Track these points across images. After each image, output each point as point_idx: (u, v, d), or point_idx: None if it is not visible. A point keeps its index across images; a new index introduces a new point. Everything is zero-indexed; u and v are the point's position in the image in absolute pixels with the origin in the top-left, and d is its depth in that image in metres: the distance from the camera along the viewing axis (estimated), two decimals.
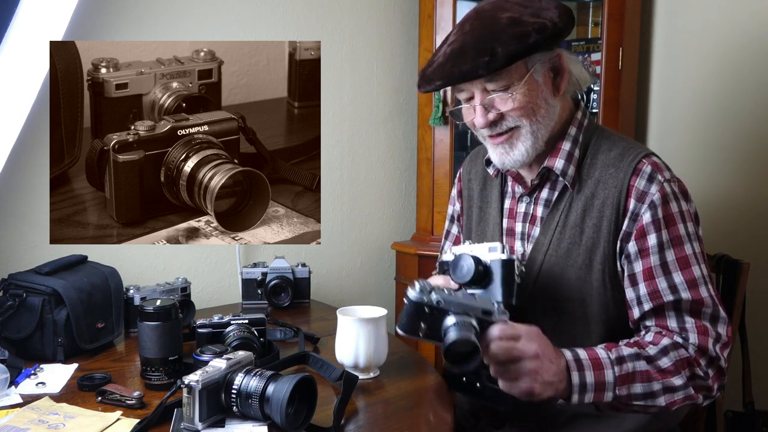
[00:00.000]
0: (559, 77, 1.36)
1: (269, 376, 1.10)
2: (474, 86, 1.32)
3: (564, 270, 1.35)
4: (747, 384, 1.61)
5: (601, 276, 1.33)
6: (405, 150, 2.40)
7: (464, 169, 1.63)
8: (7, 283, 1.45)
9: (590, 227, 1.34)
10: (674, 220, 1.30)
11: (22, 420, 1.13)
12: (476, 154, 1.62)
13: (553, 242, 1.37)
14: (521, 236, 1.43)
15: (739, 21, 1.99)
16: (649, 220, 1.29)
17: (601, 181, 1.35)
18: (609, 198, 1.33)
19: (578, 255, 1.34)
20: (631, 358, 1.24)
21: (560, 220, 1.37)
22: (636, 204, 1.31)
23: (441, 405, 1.26)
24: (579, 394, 1.21)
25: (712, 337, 1.27)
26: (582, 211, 1.35)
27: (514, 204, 1.47)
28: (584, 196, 1.36)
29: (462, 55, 1.28)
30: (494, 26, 1.29)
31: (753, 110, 1.98)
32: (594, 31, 2.33)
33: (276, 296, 1.86)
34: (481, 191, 1.55)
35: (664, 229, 1.30)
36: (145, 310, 1.28)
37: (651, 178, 1.31)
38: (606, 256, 1.33)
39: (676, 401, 1.24)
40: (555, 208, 1.39)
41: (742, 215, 2.01)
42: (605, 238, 1.33)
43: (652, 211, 1.29)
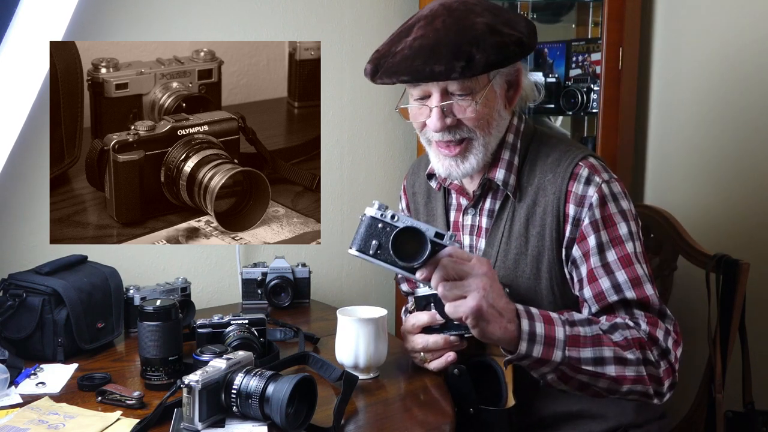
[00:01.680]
0: (512, 91, 1.35)
1: (269, 376, 1.10)
2: (435, 86, 1.27)
3: (513, 281, 1.35)
4: (747, 384, 1.61)
5: (549, 284, 1.33)
6: (405, 150, 2.40)
7: (408, 182, 1.59)
8: (7, 283, 1.45)
9: (534, 236, 1.33)
10: (613, 220, 1.29)
11: (22, 420, 1.13)
12: (418, 166, 1.59)
13: (500, 254, 1.36)
14: (469, 249, 1.42)
15: (740, 21, 1.99)
16: (587, 222, 1.29)
17: (541, 188, 1.33)
18: (549, 205, 1.32)
19: (526, 265, 1.34)
20: (583, 323, 1.22)
21: (505, 230, 1.36)
22: (576, 209, 1.30)
23: (441, 405, 1.26)
24: (528, 343, 1.17)
25: (662, 329, 1.25)
26: (525, 220, 1.34)
27: (459, 216, 1.45)
28: (526, 204, 1.35)
29: (434, 53, 1.23)
30: (471, 30, 1.24)
31: (753, 110, 1.98)
32: (594, 31, 2.33)
33: (276, 296, 1.86)
34: (426, 204, 1.53)
35: (603, 230, 1.29)
36: (145, 310, 1.28)
37: (588, 180, 1.30)
38: (551, 263, 1.32)
39: (627, 377, 1.21)
40: (499, 218, 1.38)
41: (742, 215, 2.01)
42: (549, 246, 1.32)
43: (590, 213, 1.29)
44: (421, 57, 1.23)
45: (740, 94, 2.01)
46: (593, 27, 2.34)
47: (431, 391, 1.32)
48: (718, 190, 2.07)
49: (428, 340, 1.32)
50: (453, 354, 1.31)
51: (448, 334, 1.30)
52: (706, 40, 2.08)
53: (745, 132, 2.01)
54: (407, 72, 1.24)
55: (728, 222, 2.04)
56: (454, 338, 1.31)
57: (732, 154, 2.04)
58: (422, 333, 1.33)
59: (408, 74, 1.25)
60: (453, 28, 1.25)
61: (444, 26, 1.26)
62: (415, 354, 1.37)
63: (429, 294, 1.32)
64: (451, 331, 1.30)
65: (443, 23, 1.26)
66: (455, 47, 1.22)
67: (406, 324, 1.35)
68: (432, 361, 1.34)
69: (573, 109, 2.17)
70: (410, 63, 1.24)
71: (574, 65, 2.24)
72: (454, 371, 1.31)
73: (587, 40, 2.25)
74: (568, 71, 2.24)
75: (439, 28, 1.26)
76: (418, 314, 1.33)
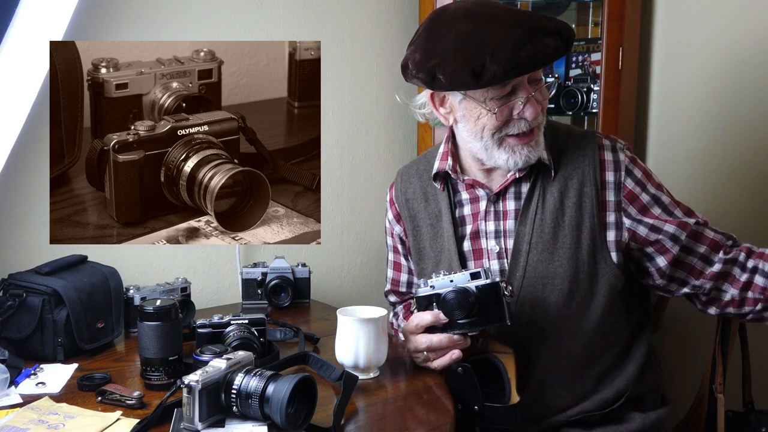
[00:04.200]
0: None
1: (269, 376, 1.10)
2: (522, 78, 1.31)
3: (553, 252, 1.39)
4: (747, 384, 1.61)
5: (590, 250, 1.38)
6: (405, 150, 2.40)
7: (397, 191, 1.60)
8: (7, 283, 1.45)
9: (570, 207, 1.39)
10: (647, 173, 1.42)
11: (22, 420, 1.13)
12: (407, 174, 1.60)
13: (536, 230, 1.40)
14: (495, 234, 1.44)
15: (740, 20, 1.99)
16: (632, 183, 1.39)
17: (572, 162, 1.41)
18: (586, 175, 1.39)
19: (565, 235, 1.39)
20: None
21: (538, 207, 1.40)
22: (614, 174, 1.39)
23: (441, 405, 1.26)
24: None
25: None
26: (559, 194, 1.40)
27: (476, 207, 1.47)
28: (558, 179, 1.40)
29: (530, 37, 1.25)
30: (533, 15, 1.31)
31: (753, 109, 1.98)
32: (594, 31, 2.32)
33: (276, 296, 1.86)
34: (425, 208, 1.53)
35: (647, 183, 1.40)
36: (145, 310, 1.28)
37: (613, 148, 1.41)
38: (592, 230, 1.38)
39: None
40: (529, 198, 1.42)
41: (742, 215, 2.01)
42: (588, 213, 1.38)
43: (629, 175, 1.39)
44: (517, 45, 1.25)
45: (740, 94, 2.01)
46: (593, 27, 2.34)
47: (432, 390, 1.32)
48: (718, 190, 2.07)
49: (432, 339, 1.32)
50: (458, 351, 1.32)
51: (452, 333, 1.31)
52: (706, 40, 2.08)
53: (745, 132, 2.01)
54: (521, 63, 1.25)
55: (728, 222, 2.04)
56: (458, 337, 1.31)
57: (732, 153, 2.04)
58: (425, 333, 1.33)
59: (525, 64, 1.25)
60: (510, 13, 1.29)
61: (503, 13, 1.29)
62: (417, 354, 1.37)
63: (431, 294, 1.32)
64: (454, 329, 1.31)
65: (497, 10, 1.29)
66: (539, 28, 1.27)
67: (409, 325, 1.36)
68: (435, 360, 1.34)
69: (573, 109, 2.17)
70: (514, 54, 1.24)
71: (574, 65, 2.24)
72: (458, 369, 1.31)
73: (587, 40, 2.25)
74: (568, 71, 2.24)
75: (497, 15, 1.28)
76: (421, 314, 1.33)
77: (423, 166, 1.58)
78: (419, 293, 1.35)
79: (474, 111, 1.35)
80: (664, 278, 1.40)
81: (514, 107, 1.33)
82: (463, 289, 1.28)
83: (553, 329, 1.39)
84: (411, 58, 1.35)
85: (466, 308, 1.28)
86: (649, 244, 1.38)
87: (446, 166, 1.48)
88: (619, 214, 1.39)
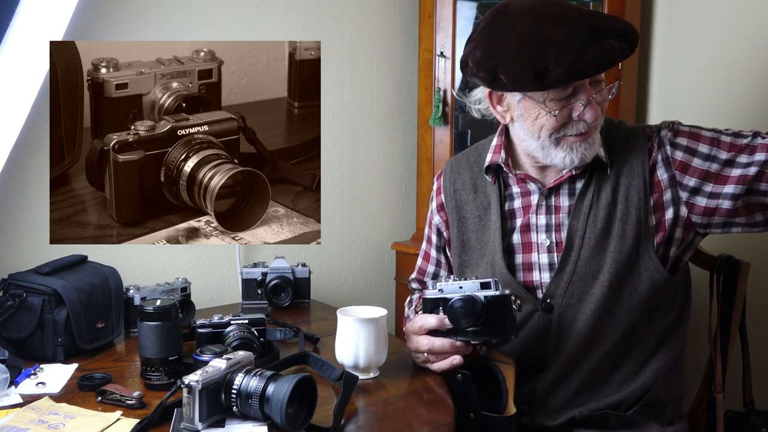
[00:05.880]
0: None
1: (269, 376, 1.10)
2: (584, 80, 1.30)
3: (603, 247, 1.38)
4: (747, 384, 1.61)
5: (634, 242, 1.36)
6: (405, 150, 2.40)
7: (446, 181, 1.59)
8: (7, 283, 1.45)
9: (621, 202, 1.38)
10: (695, 135, 1.37)
11: (22, 420, 1.13)
12: (457, 164, 1.59)
13: (589, 225, 1.39)
14: (546, 228, 1.43)
15: (740, 20, 1.99)
16: (681, 153, 1.36)
17: (624, 158, 1.40)
18: (635, 168, 1.38)
19: (615, 230, 1.38)
20: None
21: (593, 203, 1.40)
22: (659, 151, 1.37)
23: (441, 405, 1.26)
24: None
25: None
26: (612, 190, 1.39)
27: (527, 201, 1.46)
28: (612, 175, 1.40)
29: (593, 38, 1.24)
30: (597, 15, 1.29)
31: (753, 110, 1.98)
32: None
33: (276, 296, 1.86)
34: (474, 199, 1.52)
35: (697, 146, 1.36)
36: (145, 310, 1.28)
37: (658, 130, 1.40)
38: (639, 222, 1.37)
39: None
40: (583, 194, 1.41)
41: None
42: (635, 206, 1.37)
43: (677, 147, 1.36)
44: (582, 47, 1.23)
45: (740, 93, 2.01)
46: None
47: (432, 390, 1.32)
48: None
49: (434, 342, 1.31)
50: (459, 357, 1.31)
51: (455, 339, 1.30)
52: (706, 39, 2.08)
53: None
54: (585, 66, 1.24)
55: None
56: (461, 343, 1.30)
57: None
58: (428, 335, 1.33)
59: (589, 67, 1.24)
60: (575, 13, 1.27)
61: (567, 12, 1.27)
62: (417, 354, 1.37)
63: (438, 297, 1.32)
64: (458, 336, 1.30)
65: (561, 9, 1.27)
66: (604, 30, 1.25)
67: (413, 325, 1.35)
68: (436, 363, 1.34)
69: None
70: (578, 57, 1.23)
71: None
72: (458, 376, 1.31)
73: None
74: None
75: (562, 14, 1.26)
76: (426, 316, 1.33)
77: (474, 158, 1.56)
78: (426, 294, 1.34)
79: (533, 111, 1.33)
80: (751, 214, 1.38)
81: (574, 109, 1.31)
82: (471, 297, 1.26)
83: (591, 323, 1.37)
84: (471, 56, 1.32)
85: (473, 317, 1.26)
86: (714, 213, 1.35)
87: (499, 159, 1.46)
88: (675, 189, 1.36)
